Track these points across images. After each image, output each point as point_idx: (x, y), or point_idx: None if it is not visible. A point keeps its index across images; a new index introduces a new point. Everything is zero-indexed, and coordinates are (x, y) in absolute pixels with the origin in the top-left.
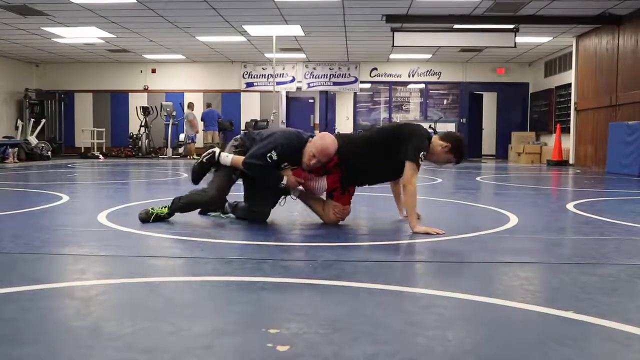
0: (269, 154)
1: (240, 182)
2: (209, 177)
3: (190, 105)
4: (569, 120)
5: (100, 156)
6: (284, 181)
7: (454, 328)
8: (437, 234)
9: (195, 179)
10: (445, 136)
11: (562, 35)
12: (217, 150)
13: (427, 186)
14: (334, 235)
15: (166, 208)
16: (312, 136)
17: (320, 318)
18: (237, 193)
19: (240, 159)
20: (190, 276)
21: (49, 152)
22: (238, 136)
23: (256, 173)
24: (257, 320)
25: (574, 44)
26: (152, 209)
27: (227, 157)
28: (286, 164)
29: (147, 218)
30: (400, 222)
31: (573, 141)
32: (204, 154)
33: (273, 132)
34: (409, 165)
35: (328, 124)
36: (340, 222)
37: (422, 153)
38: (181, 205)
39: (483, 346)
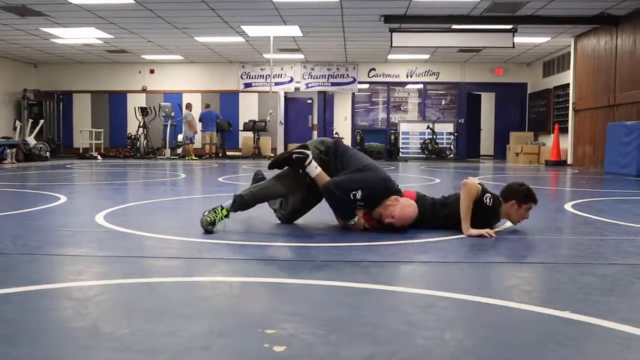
0: (354, 192)
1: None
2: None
3: (189, 106)
4: (567, 120)
5: (99, 157)
6: (354, 220)
7: (452, 328)
8: (491, 236)
9: (273, 165)
10: (511, 191)
11: (561, 36)
12: (310, 156)
13: (425, 186)
14: (332, 235)
15: (224, 210)
16: (399, 191)
17: (318, 318)
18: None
19: (325, 178)
20: (188, 276)
21: (48, 153)
22: (327, 140)
23: (333, 202)
24: (254, 320)
25: (572, 44)
26: (210, 217)
27: (315, 169)
28: (362, 203)
29: (211, 226)
30: None
31: (571, 141)
32: (296, 149)
33: (365, 166)
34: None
35: (326, 125)
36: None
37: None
38: (249, 203)
39: (481, 346)
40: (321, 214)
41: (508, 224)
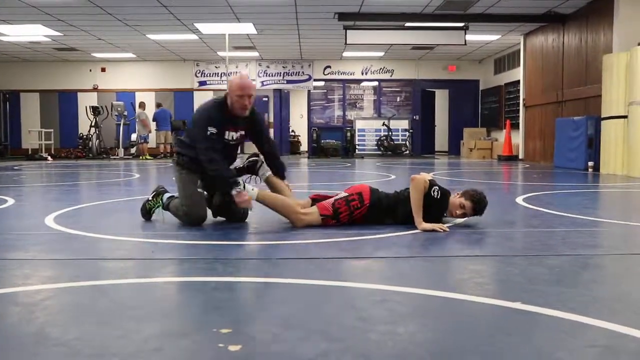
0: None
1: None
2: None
3: (142, 105)
4: (518, 116)
5: (49, 158)
6: (239, 188)
7: (405, 322)
8: (444, 230)
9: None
10: (468, 195)
11: (510, 34)
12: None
13: (382, 182)
14: (286, 233)
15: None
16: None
17: (273, 316)
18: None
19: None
20: (141, 278)
21: None
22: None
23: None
24: (209, 320)
25: (521, 42)
26: (150, 204)
27: (253, 191)
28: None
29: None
30: None
31: (522, 136)
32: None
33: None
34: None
35: (282, 123)
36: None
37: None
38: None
39: (434, 339)
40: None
41: (456, 221)
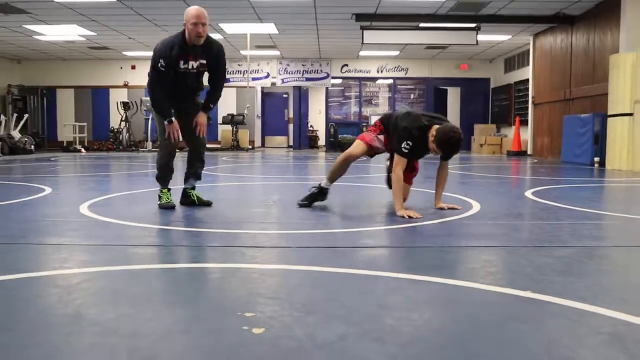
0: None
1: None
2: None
3: None
4: (527, 113)
5: (82, 150)
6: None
7: (420, 309)
8: (417, 217)
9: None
10: (438, 129)
11: (520, 34)
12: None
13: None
14: (309, 222)
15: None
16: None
17: (295, 302)
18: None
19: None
20: (169, 264)
21: (32, 146)
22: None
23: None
24: (233, 304)
25: (531, 42)
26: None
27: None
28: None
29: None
30: (372, 209)
31: (531, 133)
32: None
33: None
34: (396, 157)
35: (302, 118)
36: (318, 207)
37: (406, 143)
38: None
39: (447, 325)
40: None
41: (468, 213)
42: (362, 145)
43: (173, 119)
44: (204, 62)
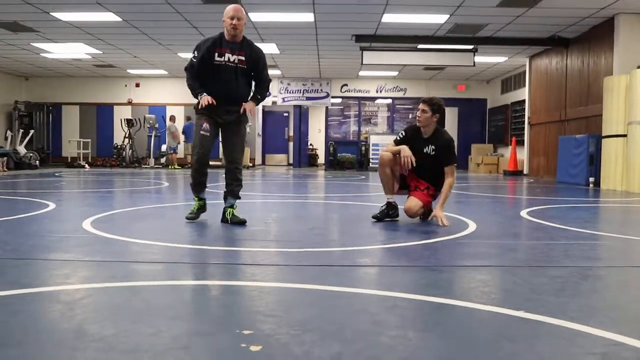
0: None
1: None
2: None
3: (172, 118)
4: (523, 133)
5: (86, 166)
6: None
7: (415, 328)
8: (444, 225)
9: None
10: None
11: (517, 56)
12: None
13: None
14: (305, 240)
15: (195, 199)
16: None
17: (292, 319)
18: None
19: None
20: (169, 280)
21: (37, 162)
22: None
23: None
24: (232, 322)
25: (527, 63)
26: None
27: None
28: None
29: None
30: (366, 229)
31: (527, 153)
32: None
33: None
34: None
35: (302, 137)
36: (318, 225)
37: (401, 132)
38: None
39: (442, 344)
40: (304, 222)
41: (464, 232)
42: (388, 148)
43: (204, 93)
44: (242, 58)
